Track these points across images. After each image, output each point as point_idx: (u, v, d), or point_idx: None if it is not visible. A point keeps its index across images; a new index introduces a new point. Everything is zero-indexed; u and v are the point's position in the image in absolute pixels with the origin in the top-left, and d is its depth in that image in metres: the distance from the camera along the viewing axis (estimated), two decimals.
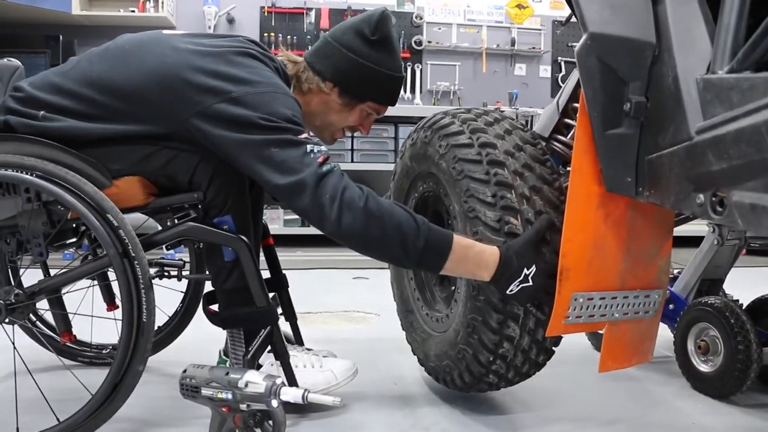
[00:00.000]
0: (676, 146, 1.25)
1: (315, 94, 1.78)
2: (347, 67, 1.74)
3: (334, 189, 1.45)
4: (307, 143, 1.50)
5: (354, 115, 1.81)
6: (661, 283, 1.63)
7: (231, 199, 1.65)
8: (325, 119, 1.81)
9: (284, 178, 1.47)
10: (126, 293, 1.52)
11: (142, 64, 1.60)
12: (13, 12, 4.41)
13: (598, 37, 1.34)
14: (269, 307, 1.69)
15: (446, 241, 1.49)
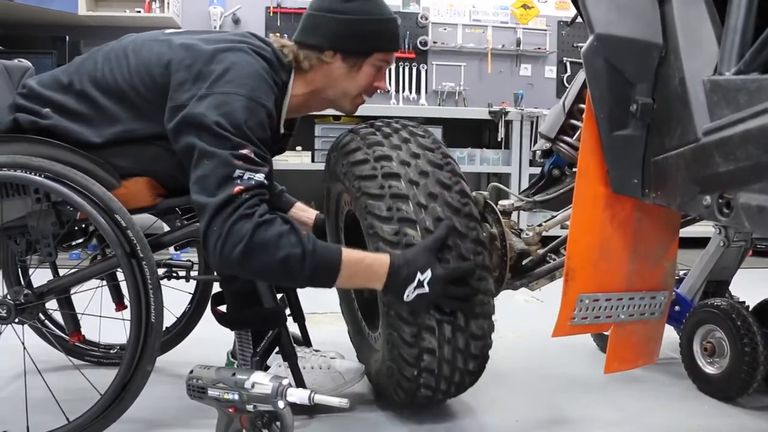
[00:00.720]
0: (683, 148, 1.25)
1: (318, 69, 1.74)
2: (339, 29, 1.69)
3: (224, 223, 1.42)
4: (238, 168, 1.45)
5: (364, 74, 1.74)
6: (667, 284, 1.63)
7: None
8: (338, 89, 1.76)
9: (196, 194, 1.47)
10: (134, 294, 1.53)
11: (140, 63, 1.61)
12: (20, 13, 4.44)
13: (604, 38, 1.34)
14: (277, 308, 1.70)
15: (334, 262, 1.49)
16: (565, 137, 1.96)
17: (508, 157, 4.55)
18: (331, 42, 1.70)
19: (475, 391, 1.97)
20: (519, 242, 1.92)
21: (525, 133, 4.55)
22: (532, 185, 2.06)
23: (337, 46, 1.70)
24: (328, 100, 1.80)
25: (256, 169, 1.48)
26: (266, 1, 4.98)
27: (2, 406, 1.81)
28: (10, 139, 1.60)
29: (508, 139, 4.59)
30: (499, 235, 1.92)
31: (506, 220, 1.95)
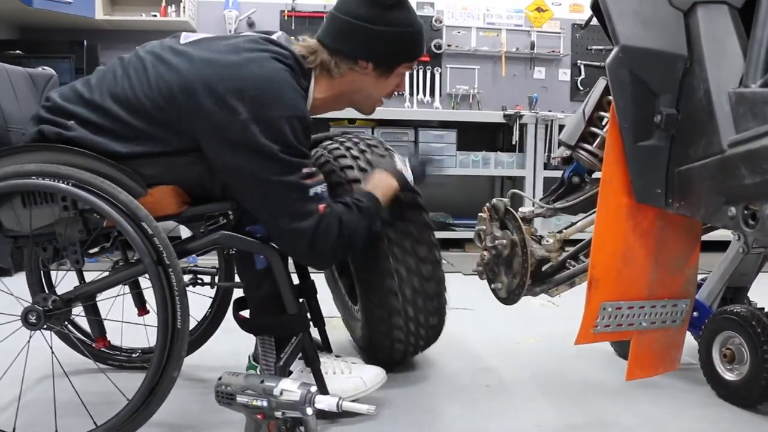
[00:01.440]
0: (708, 159, 1.26)
1: (347, 77, 1.77)
2: (377, 41, 1.71)
3: (326, 240, 1.62)
4: (311, 187, 1.60)
5: (392, 81, 1.82)
6: (688, 292, 1.64)
7: None
8: (364, 94, 1.82)
9: (287, 223, 1.60)
10: (161, 300, 1.55)
11: (161, 80, 1.61)
12: (39, 18, 4.48)
13: (629, 50, 1.35)
14: (300, 314, 1.72)
15: (376, 207, 1.75)
16: (585, 145, 1.96)
17: (523, 160, 4.56)
18: (367, 53, 1.73)
19: (494, 396, 1.99)
20: (539, 249, 1.93)
21: (539, 136, 4.55)
22: (552, 192, 2.07)
23: (372, 57, 1.74)
24: (350, 102, 1.85)
25: (320, 179, 1.63)
26: (281, 5, 5.01)
27: (30, 409, 1.83)
28: (37, 148, 1.62)
29: (522, 143, 4.59)
30: (519, 242, 1.93)
31: (526, 227, 1.96)
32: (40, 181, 1.55)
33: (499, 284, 2.01)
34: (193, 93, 1.58)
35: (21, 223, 1.63)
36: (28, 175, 1.55)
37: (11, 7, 4.24)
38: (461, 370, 2.25)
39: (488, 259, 2.03)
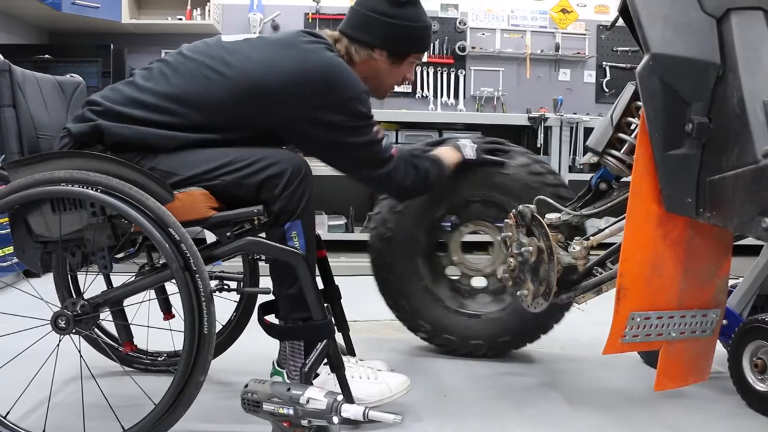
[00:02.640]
0: (741, 169, 1.24)
1: (365, 63, 1.93)
2: (390, 32, 1.90)
3: (404, 177, 1.91)
4: (382, 141, 1.86)
5: (403, 69, 2.00)
6: (719, 302, 1.62)
7: (301, 206, 1.71)
8: (378, 80, 1.97)
9: (376, 171, 1.87)
10: (188, 306, 1.56)
11: (222, 77, 1.73)
12: (67, 22, 4.54)
13: (660, 57, 1.34)
14: (326, 320, 1.72)
15: (439, 164, 2.05)
16: (612, 151, 1.95)
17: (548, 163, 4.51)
18: (383, 42, 1.91)
19: (521, 406, 1.98)
20: (566, 256, 1.92)
21: (564, 139, 4.51)
22: (579, 198, 2.05)
23: (386, 46, 1.92)
24: (371, 88, 1.94)
25: (383, 133, 1.89)
26: (305, 8, 5.02)
27: (58, 410, 1.86)
28: (66, 155, 1.64)
29: (547, 145, 4.56)
30: (546, 248, 1.92)
31: (553, 234, 1.95)
32: (69, 187, 1.57)
33: (525, 291, 2.00)
34: (265, 88, 1.74)
35: (50, 229, 1.64)
36: (58, 182, 1.57)
37: (40, 12, 4.30)
38: (485, 377, 2.24)
39: (514, 265, 2.02)
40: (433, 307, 2.38)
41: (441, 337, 2.38)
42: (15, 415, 1.70)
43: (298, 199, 1.70)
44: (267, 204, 1.70)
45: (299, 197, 1.71)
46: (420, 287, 2.37)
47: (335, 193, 4.70)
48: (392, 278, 2.38)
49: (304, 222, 1.72)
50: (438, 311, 2.37)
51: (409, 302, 2.38)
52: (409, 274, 2.37)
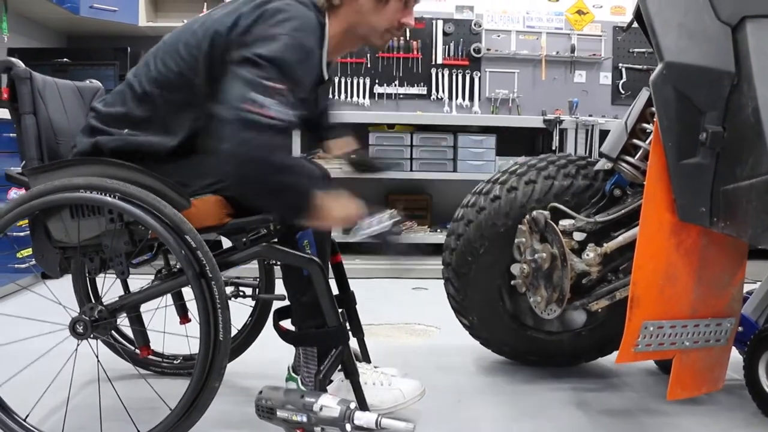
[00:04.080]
0: (756, 179, 1.24)
1: (347, 6, 1.77)
2: None
3: (269, 146, 1.52)
4: (264, 95, 1.52)
5: (391, 9, 1.78)
6: (733, 311, 1.61)
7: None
8: (367, 24, 1.80)
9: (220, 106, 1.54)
10: (203, 312, 1.57)
11: (182, 42, 1.70)
12: (85, 25, 4.59)
13: (674, 66, 1.34)
14: (341, 327, 1.73)
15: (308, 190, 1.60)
16: (627, 157, 1.94)
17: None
18: None
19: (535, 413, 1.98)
20: (580, 263, 1.92)
21: (579, 141, 4.49)
22: (593, 204, 2.05)
23: None
24: (359, 37, 1.83)
25: (277, 102, 1.53)
26: None
27: (76, 413, 1.88)
28: (85, 161, 1.67)
29: (562, 147, 4.53)
30: (559, 255, 1.92)
31: (566, 240, 1.95)
32: (87, 194, 1.59)
33: (539, 297, 2.00)
34: (216, 31, 1.65)
35: (69, 235, 1.67)
36: (76, 189, 1.59)
37: (59, 16, 4.36)
38: (499, 383, 2.24)
39: (528, 272, 2.02)
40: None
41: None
42: (34, 417, 1.72)
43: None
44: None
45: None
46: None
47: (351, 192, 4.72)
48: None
49: (315, 231, 1.73)
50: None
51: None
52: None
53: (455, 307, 2.35)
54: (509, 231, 2.12)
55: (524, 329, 2.31)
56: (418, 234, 4.56)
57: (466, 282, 2.25)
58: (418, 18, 4.97)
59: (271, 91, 1.53)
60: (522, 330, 2.31)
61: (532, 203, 2.09)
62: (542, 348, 2.33)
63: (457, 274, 2.27)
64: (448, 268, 2.31)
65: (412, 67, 5.01)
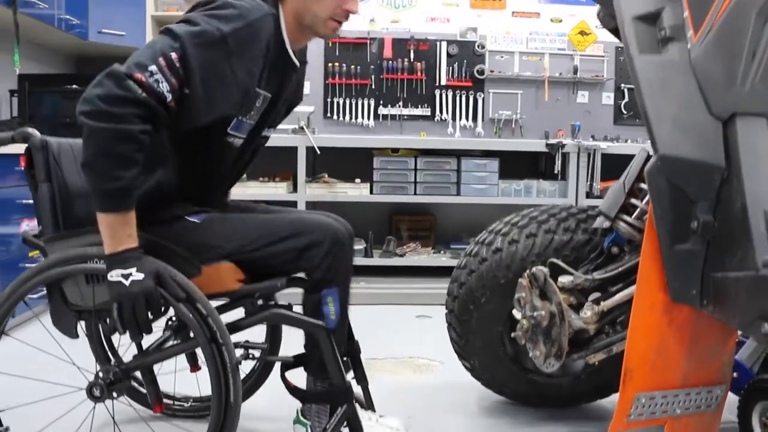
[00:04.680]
0: (743, 273, 1.29)
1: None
2: None
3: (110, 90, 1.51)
4: (151, 65, 1.53)
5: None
6: (724, 378, 1.67)
7: (339, 275, 1.79)
8: (310, 11, 1.78)
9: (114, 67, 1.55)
10: (215, 376, 1.64)
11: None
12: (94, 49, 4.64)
13: (667, 159, 1.39)
14: (346, 386, 1.80)
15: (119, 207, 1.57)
16: (624, 216, 2.00)
17: (565, 188, 4.56)
18: None
19: None
20: (577, 320, 1.97)
21: (582, 165, 4.55)
22: (591, 261, 2.10)
23: None
24: (305, 26, 1.82)
25: (168, 78, 1.55)
26: None
27: None
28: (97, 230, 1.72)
29: (564, 170, 4.60)
30: (558, 313, 1.98)
31: (565, 297, 2.01)
32: (101, 265, 1.65)
33: (538, 352, 2.06)
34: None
35: (85, 299, 1.73)
36: (91, 258, 1.66)
37: (67, 42, 4.42)
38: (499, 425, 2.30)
39: (527, 327, 2.08)
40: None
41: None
42: None
43: (336, 268, 1.78)
44: (306, 271, 1.78)
45: (338, 266, 1.78)
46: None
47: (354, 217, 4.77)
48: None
49: (340, 289, 1.80)
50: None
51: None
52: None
53: (457, 350, 2.42)
54: (510, 282, 2.18)
55: (525, 372, 2.37)
56: (421, 256, 4.63)
57: (468, 328, 2.32)
58: (422, 40, 5.04)
59: (161, 61, 1.54)
60: (522, 373, 2.37)
61: (533, 257, 2.15)
62: (542, 391, 2.39)
63: (459, 320, 2.33)
64: (451, 314, 2.37)
65: (416, 89, 5.06)
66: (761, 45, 1.28)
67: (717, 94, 1.38)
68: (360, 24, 5.04)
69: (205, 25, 1.60)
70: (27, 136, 1.77)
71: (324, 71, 4.98)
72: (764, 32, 1.28)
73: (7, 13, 3.45)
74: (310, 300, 1.80)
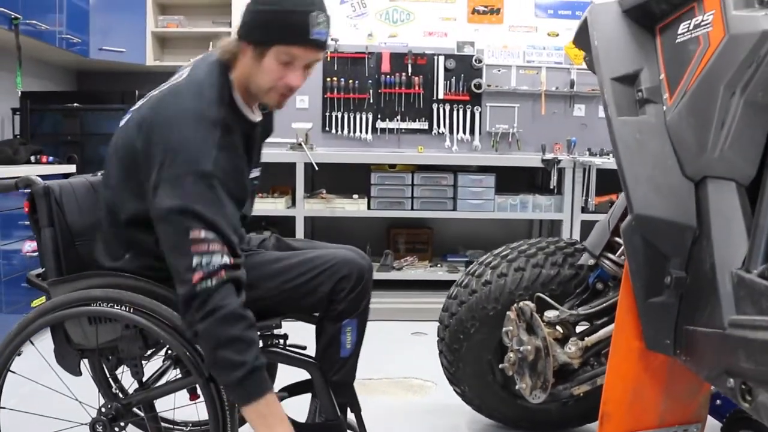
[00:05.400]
0: (711, 330, 1.36)
1: (239, 61, 1.74)
2: (246, 18, 1.69)
3: (194, 316, 1.58)
4: (195, 255, 1.57)
5: (267, 67, 1.69)
6: (700, 416, 1.74)
7: (361, 308, 1.89)
8: (253, 81, 1.73)
9: (179, 287, 1.61)
10: (212, 414, 1.71)
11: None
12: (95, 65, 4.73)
13: (642, 218, 1.46)
14: (338, 421, 1.88)
15: (256, 393, 1.62)
16: (608, 254, 2.07)
17: (561, 203, 4.62)
18: (243, 32, 1.71)
19: None
20: (562, 354, 2.05)
21: (577, 180, 4.61)
22: (577, 295, 2.17)
23: (243, 35, 1.71)
24: (251, 94, 1.78)
25: (213, 250, 1.58)
26: None
27: None
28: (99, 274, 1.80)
29: (560, 185, 4.66)
30: (543, 348, 2.05)
31: (550, 331, 2.08)
32: (103, 307, 1.72)
33: (524, 384, 2.14)
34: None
35: (88, 338, 1.81)
36: (94, 301, 1.74)
37: (69, 58, 4.50)
38: None
39: (514, 360, 2.16)
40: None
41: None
42: None
43: (359, 301, 1.87)
44: (331, 302, 1.86)
45: (361, 299, 1.87)
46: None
47: (351, 231, 4.86)
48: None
49: (359, 321, 1.90)
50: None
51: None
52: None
53: (449, 377, 2.49)
54: (499, 314, 2.25)
55: (514, 398, 2.44)
56: (418, 270, 4.70)
57: (458, 357, 2.39)
58: (420, 54, 5.10)
59: (195, 248, 1.57)
60: (511, 399, 2.44)
61: (520, 290, 2.23)
62: (531, 416, 2.46)
63: (450, 348, 2.40)
64: (442, 342, 2.44)
65: (413, 103, 5.12)
66: (729, 115, 1.34)
67: (690, 157, 1.44)
68: (358, 39, 5.11)
69: (188, 178, 1.60)
70: (30, 183, 1.83)
71: (323, 85, 5.05)
72: (731, 103, 1.34)
73: (8, 34, 3.51)
74: (330, 328, 1.89)
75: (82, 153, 4.16)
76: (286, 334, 1.99)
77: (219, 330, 1.56)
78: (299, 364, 1.86)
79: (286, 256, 1.92)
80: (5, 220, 3.20)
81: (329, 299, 1.85)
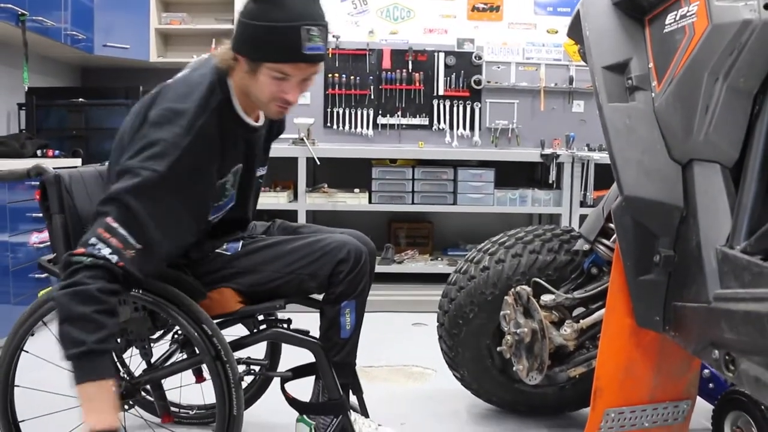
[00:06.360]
0: (697, 304, 1.43)
1: (235, 72, 1.76)
2: (240, 31, 1.69)
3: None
4: (95, 235, 1.56)
5: (261, 82, 1.71)
6: (690, 393, 1.81)
7: (359, 289, 1.94)
8: (251, 93, 1.77)
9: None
10: (219, 390, 1.79)
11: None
12: (99, 62, 4.80)
13: (632, 200, 1.52)
14: (341, 399, 1.95)
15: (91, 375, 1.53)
16: (603, 239, 2.14)
17: (559, 197, 4.69)
18: (237, 46, 1.72)
19: None
20: (558, 336, 2.11)
21: (576, 174, 4.68)
22: (572, 280, 2.24)
23: (236, 49, 1.72)
24: (250, 103, 1.82)
25: (109, 242, 1.56)
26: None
27: None
28: None
29: (559, 180, 4.73)
30: (539, 330, 2.11)
31: (546, 314, 2.14)
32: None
33: (521, 366, 2.20)
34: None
35: None
36: None
37: (73, 55, 4.58)
38: None
39: (512, 342, 2.22)
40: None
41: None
42: None
43: (357, 283, 1.93)
44: (330, 284, 1.92)
45: (359, 281, 1.93)
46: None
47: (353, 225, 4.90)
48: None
49: (358, 302, 1.96)
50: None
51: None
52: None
53: (448, 362, 2.56)
54: (497, 299, 2.31)
55: (512, 382, 2.50)
56: (418, 263, 4.76)
57: (458, 341, 2.45)
58: (420, 51, 5.16)
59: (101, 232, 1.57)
60: (510, 383, 2.50)
61: (518, 276, 2.29)
62: (529, 399, 2.53)
63: (449, 333, 2.47)
64: (442, 327, 2.51)
65: (414, 99, 5.19)
66: (713, 101, 1.41)
67: (676, 141, 1.51)
68: (359, 36, 5.18)
69: (141, 173, 1.61)
70: (41, 171, 1.89)
71: (324, 82, 5.11)
72: (715, 89, 1.41)
73: (15, 30, 3.59)
74: (329, 310, 1.95)
75: (86, 147, 4.23)
76: (289, 319, 2.06)
77: (71, 304, 1.51)
78: (301, 343, 1.92)
79: (286, 240, 1.99)
80: (12, 213, 3.26)
81: (329, 282, 1.92)
